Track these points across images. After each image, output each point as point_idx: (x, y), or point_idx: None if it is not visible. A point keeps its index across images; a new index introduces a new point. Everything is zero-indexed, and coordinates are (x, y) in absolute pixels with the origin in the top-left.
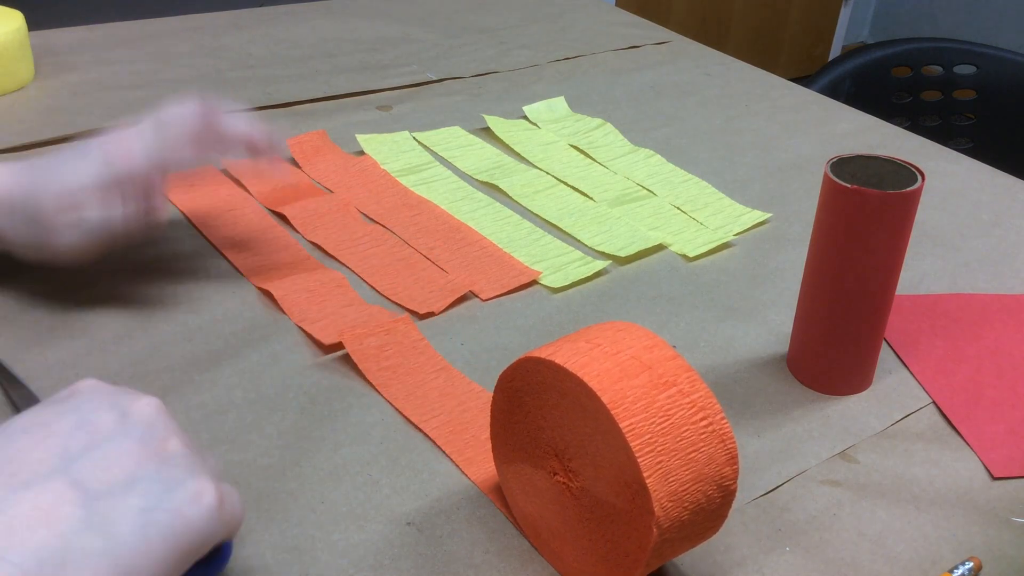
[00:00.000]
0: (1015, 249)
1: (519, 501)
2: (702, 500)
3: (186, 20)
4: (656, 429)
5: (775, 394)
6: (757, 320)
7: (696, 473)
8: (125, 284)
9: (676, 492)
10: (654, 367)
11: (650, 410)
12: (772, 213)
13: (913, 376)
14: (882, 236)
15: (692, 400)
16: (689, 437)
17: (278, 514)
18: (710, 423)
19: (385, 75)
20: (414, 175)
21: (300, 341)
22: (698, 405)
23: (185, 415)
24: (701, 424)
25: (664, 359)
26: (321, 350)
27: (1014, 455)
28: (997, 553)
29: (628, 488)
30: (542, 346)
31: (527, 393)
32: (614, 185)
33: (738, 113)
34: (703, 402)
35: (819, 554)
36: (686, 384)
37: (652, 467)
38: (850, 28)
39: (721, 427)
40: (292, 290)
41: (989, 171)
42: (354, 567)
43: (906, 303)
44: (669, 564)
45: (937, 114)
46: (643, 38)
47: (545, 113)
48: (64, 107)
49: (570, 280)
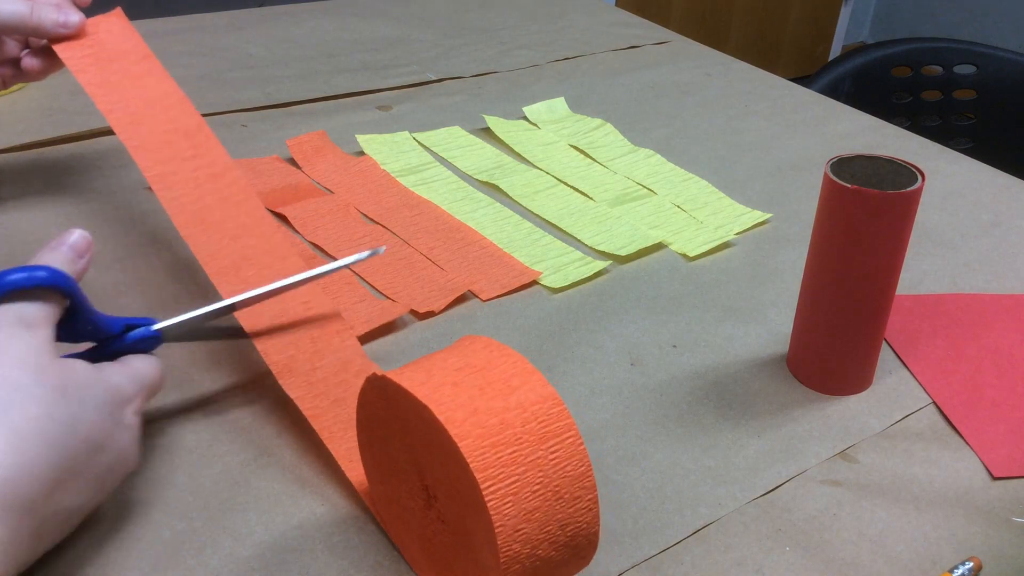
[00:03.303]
0: (1015, 249)
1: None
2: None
3: (186, 20)
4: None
5: (775, 394)
6: (757, 320)
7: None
8: (131, 285)
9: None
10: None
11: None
12: (772, 213)
13: (913, 376)
14: (882, 236)
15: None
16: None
17: (278, 515)
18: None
19: (385, 75)
20: (414, 175)
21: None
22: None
23: (200, 409)
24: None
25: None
26: None
27: (1014, 455)
28: (997, 553)
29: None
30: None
31: (381, 409)
32: (614, 185)
33: (738, 113)
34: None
35: (819, 554)
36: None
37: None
38: (850, 28)
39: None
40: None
41: (989, 171)
42: (354, 567)
43: (906, 303)
44: (669, 564)
45: (937, 114)
46: (643, 38)
47: (545, 114)
48: (64, 107)
49: (570, 280)
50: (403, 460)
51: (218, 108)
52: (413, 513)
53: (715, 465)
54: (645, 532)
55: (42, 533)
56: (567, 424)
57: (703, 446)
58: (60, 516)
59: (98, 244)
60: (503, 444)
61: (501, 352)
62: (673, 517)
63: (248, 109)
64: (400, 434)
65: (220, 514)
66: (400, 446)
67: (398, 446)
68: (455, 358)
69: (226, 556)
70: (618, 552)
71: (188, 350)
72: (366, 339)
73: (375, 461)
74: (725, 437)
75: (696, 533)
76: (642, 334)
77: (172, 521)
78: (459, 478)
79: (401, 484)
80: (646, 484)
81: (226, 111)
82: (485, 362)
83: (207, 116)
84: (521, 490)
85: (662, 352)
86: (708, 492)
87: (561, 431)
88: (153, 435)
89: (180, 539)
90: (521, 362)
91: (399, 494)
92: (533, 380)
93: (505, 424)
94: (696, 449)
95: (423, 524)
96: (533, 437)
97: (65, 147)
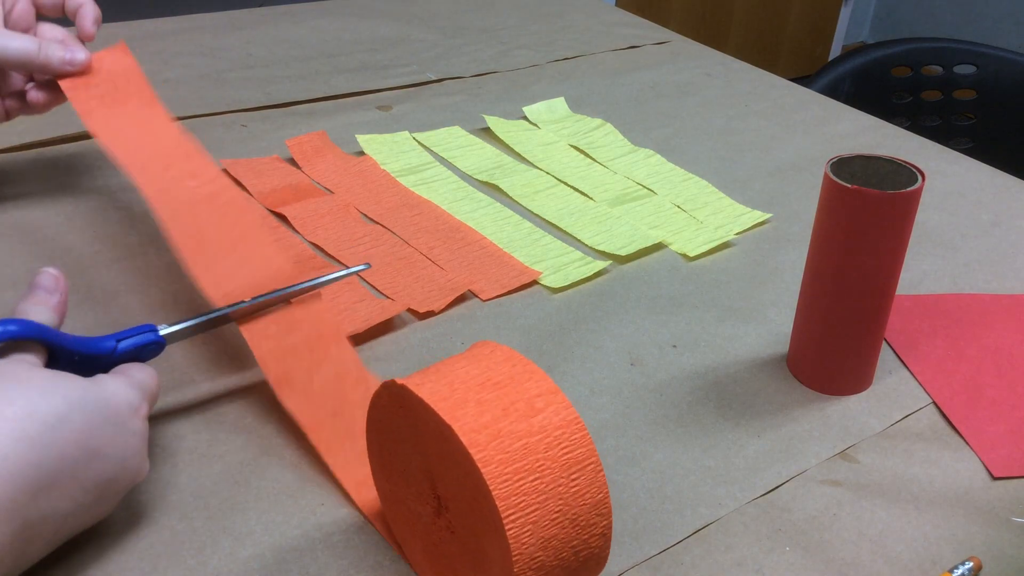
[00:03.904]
0: (1015, 249)
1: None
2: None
3: (186, 20)
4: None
5: (775, 394)
6: (757, 320)
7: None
8: (131, 286)
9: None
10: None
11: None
12: (772, 213)
13: (913, 376)
14: (882, 236)
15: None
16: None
17: (278, 515)
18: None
19: (385, 75)
20: (414, 175)
21: None
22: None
23: (200, 409)
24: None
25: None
26: None
27: (1014, 455)
28: (997, 553)
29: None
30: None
31: (396, 415)
32: (614, 185)
33: (738, 113)
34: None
35: (819, 554)
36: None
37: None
38: (850, 28)
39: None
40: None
41: (989, 171)
42: (354, 567)
43: (906, 303)
44: (669, 564)
45: (937, 114)
46: (643, 38)
47: (545, 114)
48: (64, 107)
49: (570, 280)
50: (414, 465)
51: (218, 108)
52: (420, 517)
53: (715, 465)
54: (645, 532)
55: (30, 537)
56: (589, 451)
57: (703, 446)
58: (49, 522)
59: (98, 244)
60: (526, 472)
61: (524, 368)
62: (673, 517)
63: (248, 109)
64: (414, 441)
65: (220, 514)
66: (413, 452)
67: (410, 451)
68: (476, 370)
69: (226, 556)
70: (618, 552)
71: (188, 351)
72: (366, 338)
73: (383, 461)
74: (725, 437)
75: (696, 533)
76: (642, 334)
77: (172, 521)
78: (477, 499)
79: (409, 487)
80: (646, 484)
81: (226, 111)
82: (508, 378)
83: (207, 116)
84: (540, 519)
85: (662, 352)
86: (708, 492)
87: (583, 458)
88: (153, 435)
89: (180, 539)
90: (544, 380)
91: (406, 496)
92: (556, 402)
93: (528, 450)
94: (696, 449)
95: (430, 530)
96: (555, 465)
97: (65, 147)
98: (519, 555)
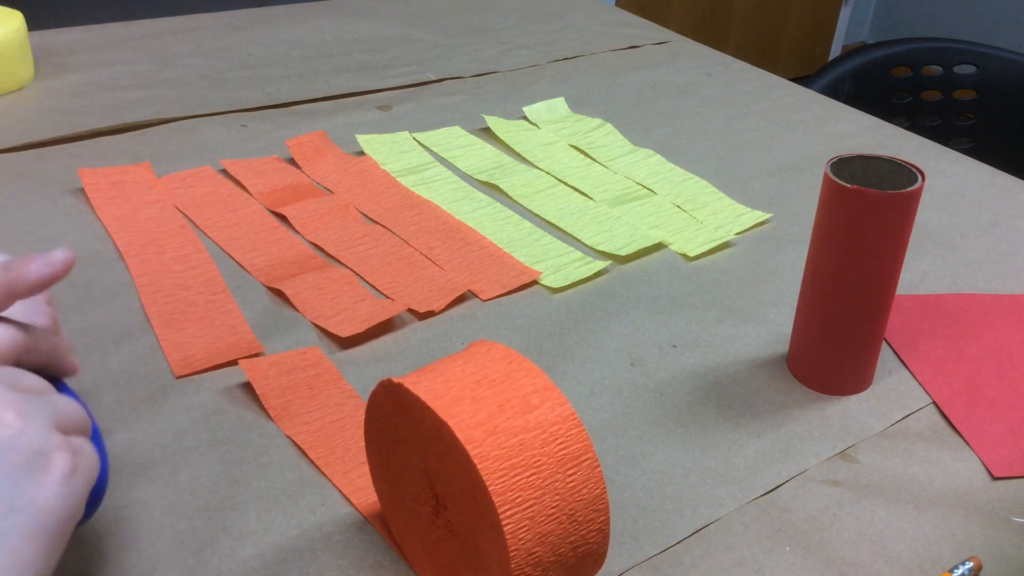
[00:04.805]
0: (1015, 249)
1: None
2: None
3: (186, 20)
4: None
5: (775, 394)
6: (757, 320)
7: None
8: (131, 285)
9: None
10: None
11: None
12: (772, 213)
13: (913, 376)
14: (882, 236)
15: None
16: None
17: (278, 515)
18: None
19: (385, 75)
20: (414, 175)
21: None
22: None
23: (200, 409)
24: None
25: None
26: (338, 344)
27: (1014, 455)
28: (997, 553)
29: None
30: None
31: (393, 414)
32: (614, 185)
33: (738, 113)
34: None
35: (819, 554)
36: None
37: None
38: (850, 28)
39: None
40: (303, 288)
41: (989, 171)
42: (354, 567)
43: (906, 303)
44: (669, 564)
45: (937, 114)
46: (643, 38)
47: (545, 114)
48: (64, 107)
49: (570, 280)
50: (413, 465)
51: (218, 108)
52: (419, 516)
53: (715, 465)
54: (645, 532)
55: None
56: (585, 446)
57: (703, 446)
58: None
59: (98, 244)
60: (522, 467)
61: (520, 365)
62: (673, 517)
63: (248, 109)
64: (412, 440)
65: (220, 514)
66: (411, 451)
67: (408, 451)
68: (473, 368)
69: (226, 556)
70: (618, 552)
71: None
72: (366, 338)
73: (382, 461)
74: (725, 437)
75: (696, 533)
76: (642, 334)
77: (172, 521)
78: (474, 496)
79: (408, 487)
80: (646, 484)
81: (226, 111)
82: (504, 375)
83: (207, 116)
84: (537, 515)
85: (662, 352)
86: (708, 492)
87: (579, 454)
88: (153, 435)
89: (180, 539)
90: (540, 377)
91: (405, 495)
92: (552, 398)
93: (524, 445)
94: (696, 449)
95: (429, 529)
96: (552, 460)
97: (65, 147)
98: (516, 550)
